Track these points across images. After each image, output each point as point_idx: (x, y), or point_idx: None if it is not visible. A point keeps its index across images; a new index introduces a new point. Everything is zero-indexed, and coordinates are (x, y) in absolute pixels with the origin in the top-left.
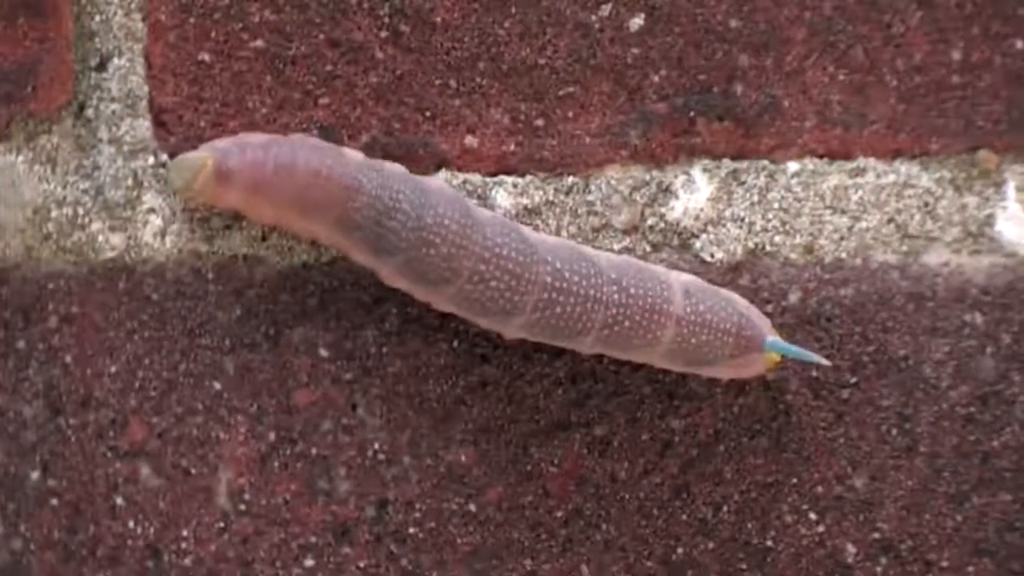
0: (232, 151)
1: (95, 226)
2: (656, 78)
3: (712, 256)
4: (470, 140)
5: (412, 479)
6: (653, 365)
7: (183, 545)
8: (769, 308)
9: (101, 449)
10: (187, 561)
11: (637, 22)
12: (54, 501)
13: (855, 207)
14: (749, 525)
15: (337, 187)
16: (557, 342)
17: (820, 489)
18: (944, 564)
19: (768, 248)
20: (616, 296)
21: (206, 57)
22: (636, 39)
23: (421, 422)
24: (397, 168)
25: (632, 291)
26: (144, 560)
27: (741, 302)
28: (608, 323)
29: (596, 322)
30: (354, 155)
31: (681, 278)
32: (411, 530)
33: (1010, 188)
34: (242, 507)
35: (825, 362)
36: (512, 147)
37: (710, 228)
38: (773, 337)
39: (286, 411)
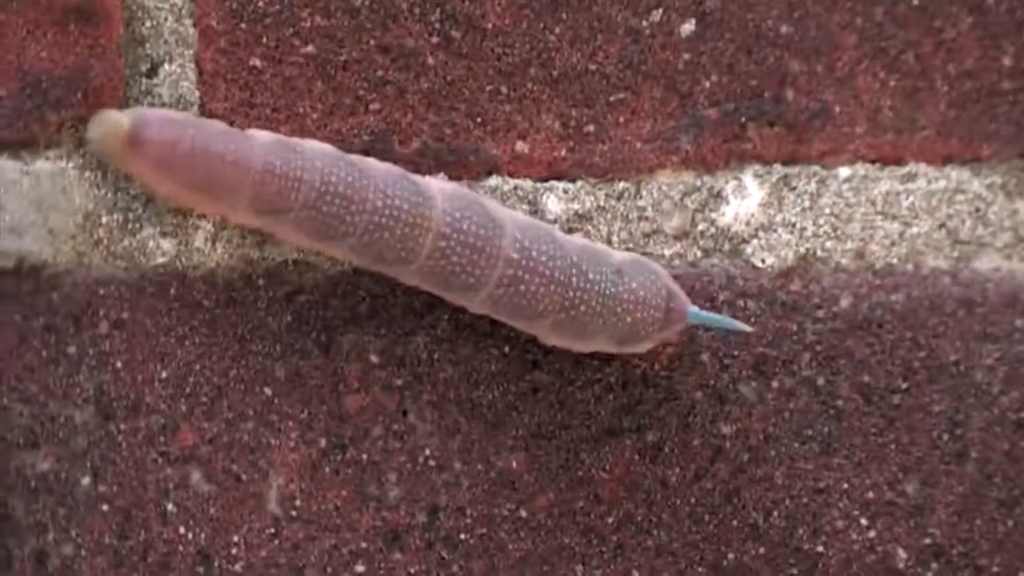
0: (152, 123)
1: (146, 232)
2: (707, 84)
3: (763, 262)
4: (521, 146)
5: (463, 485)
6: (594, 349)
7: (233, 551)
8: (820, 313)
9: (152, 455)
10: (238, 567)
11: (688, 28)
12: (105, 507)
13: (906, 213)
14: (800, 530)
15: (242, 172)
16: (512, 319)
17: (871, 494)
18: (995, 569)
19: (819, 254)
20: (574, 280)
21: (257, 63)
22: (687, 45)
23: (472, 428)
24: (322, 148)
25: (591, 276)
26: (195, 566)
27: (663, 273)
28: (565, 305)
29: (554, 302)
30: (265, 137)
31: (615, 257)
32: (462, 536)
33: None
34: (293, 513)
35: (748, 328)
36: (563, 153)
37: (761, 234)
38: (694, 308)
39: (337, 417)
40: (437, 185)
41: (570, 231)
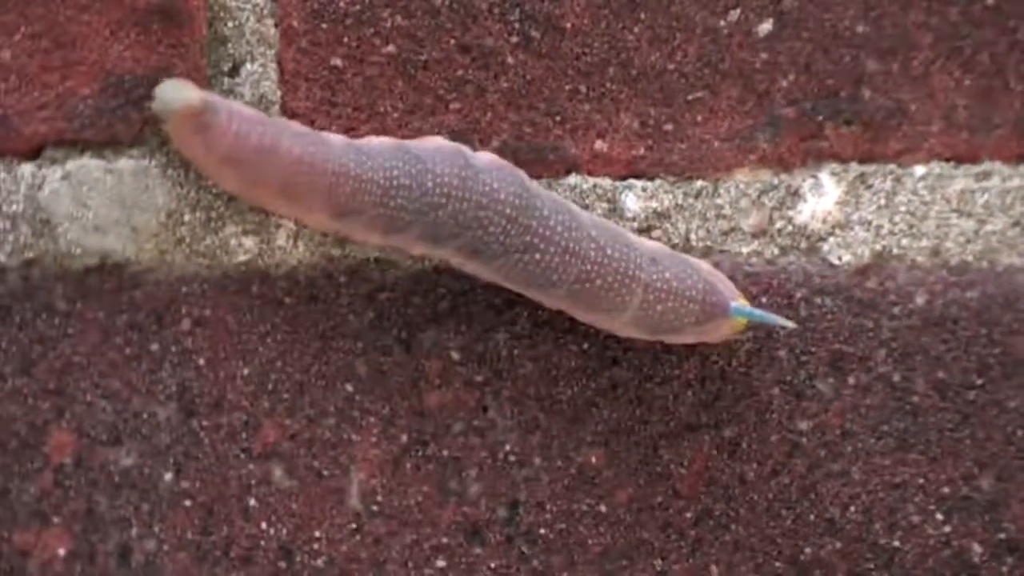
0: (220, 112)
1: (228, 230)
2: (784, 83)
3: (840, 259)
4: (600, 144)
5: (543, 480)
6: (618, 334)
7: (315, 546)
8: (896, 310)
9: (234, 451)
10: (319, 562)
11: (766, 27)
12: (188, 502)
13: (981, 210)
14: (876, 525)
15: (321, 175)
16: (529, 290)
17: (947, 490)
18: None
19: (895, 251)
20: (593, 254)
21: (338, 62)
22: (764, 44)
23: (552, 424)
24: (384, 143)
25: (608, 251)
26: (277, 561)
27: (705, 268)
28: (581, 278)
29: (570, 275)
30: (337, 139)
31: (647, 245)
32: (542, 531)
33: None
34: (374, 508)
35: (791, 324)
36: (641, 151)
37: (838, 231)
38: (737, 302)
39: (418, 413)
40: (486, 158)
41: (649, 229)
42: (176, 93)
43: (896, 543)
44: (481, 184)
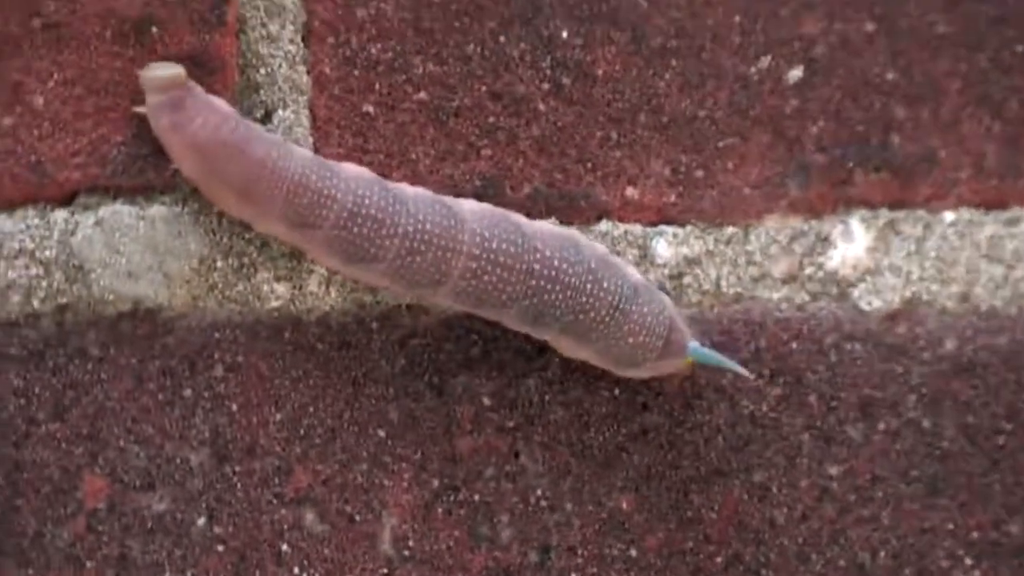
0: (198, 96)
1: (260, 276)
2: (814, 130)
3: (870, 305)
4: (631, 191)
5: (574, 525)
6: (588, 361)
7: None
8: (926, 356)
9: (267, 496)
10: None
11: (796, 74)
12: (220, 547)
13: (1010, 256)
14: (906, 570)
15: (279, 181)
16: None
17: (976, 535)
18: None
19: (925, 297)
20: (588, 286)
21: (370, 109)
22: (795, 91)
23: (583, 469)
24: (358, 171)
25: (605, 285)
26: None
27: (668, 303)
28: (576, 310)
29: (569, 311)
30: (305, 153)
31: (635, 276)
32: (573, 575)
33: None
34: (406, 553)
35: (745, 372)
36: (672, 198)
37: (868, 277)
38: (695, 342)
39: (449, 458)
40: (468, 206)
41: (679, 275)
42: (164, 68)
43: None
44: (471, 235)
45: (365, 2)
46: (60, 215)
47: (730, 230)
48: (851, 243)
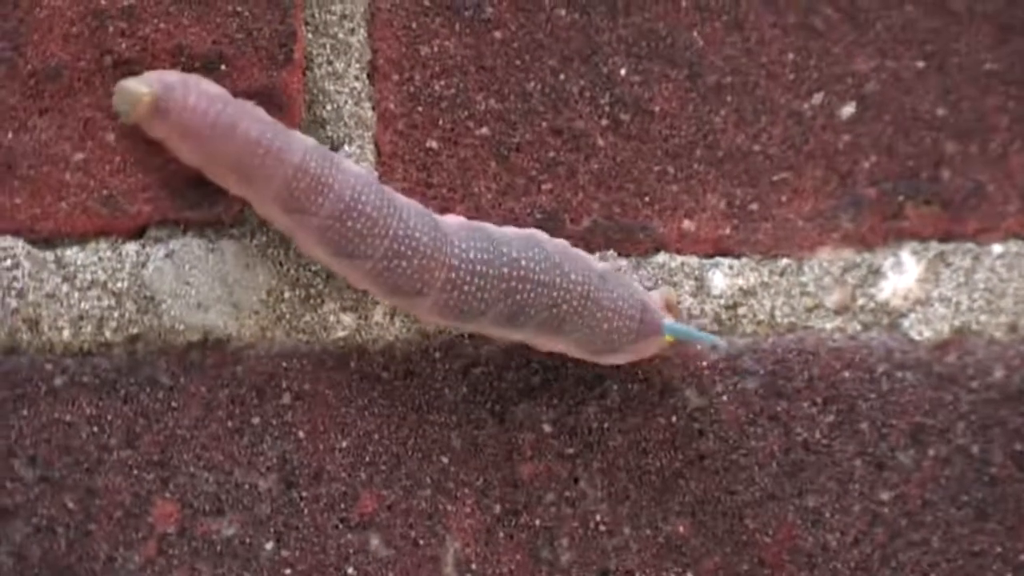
0: (176, 89)
1: (327, 307)
2: (866, 164)
3: (920, 335)
4: (687, 224)
5: (632, 549)
6: (563, 352)
7: None
8: (975, 384)
9: (333, 521)
10: None
11: (848, 110)
12: (287, 571)
13: None
14: None
15: (277, 164)
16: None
17: None
18: None
19: (974, 327)
20: (557, 280)
21: (433, 144)
22: (847, 127)
23: (641, 494)
24: (358, 169)
25: (572, 277)
26: None
27: (638, 287)
28: (549, 306)
29: (542, 308)
30: (305, 138)
31: (599, 265)
32: None
33: None
34: None
35: (721, 343)
36: (728, 230)
37: (918, 308)
38: (669, 320)
39: (511, 484)
40: (447, 219)
41: (735, 306)
42: (129, 98)
43: None
44: (451, 247)
45: (429, 40)
46: (131, 247)
47: (784, 262)
48: (902, 274)
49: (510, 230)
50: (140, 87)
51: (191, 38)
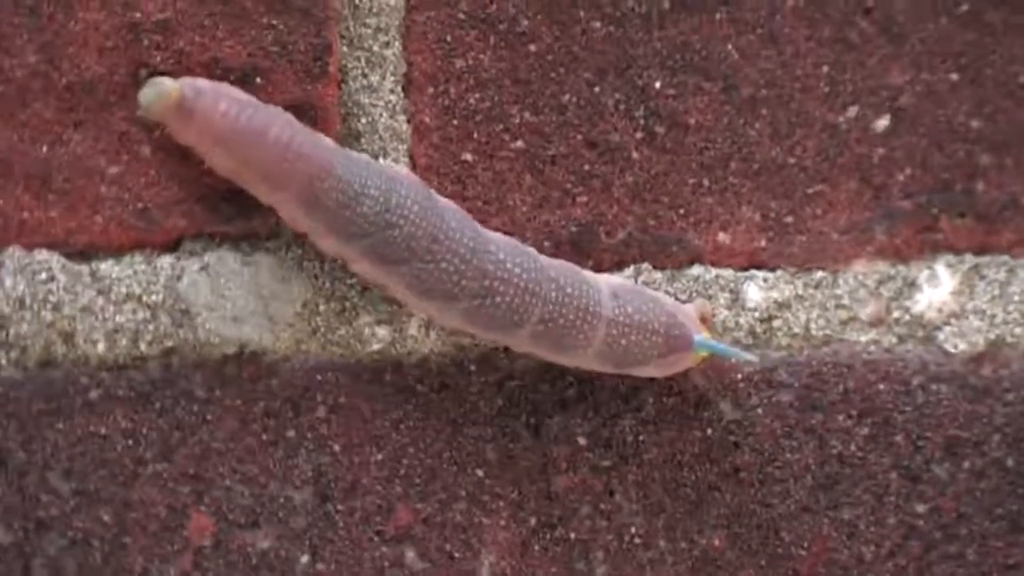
0: (205, 93)
1: (362, 320)
2: (901, 177)
3: (955, 347)
4: (723, 236)
5: (667, 562)
6: (585, 368)
7: None
8: (1010, 397)
9: (368, 534)
10: None
11: (883, 123)
12: None
13: None
14: None
15: (305, 164)
16: (492, 334)
17: None
18: None
19: (1008, 339)
20: (553, 294)
21: (469, 157)
22: (882, 139)
23: (676, 507)
24: (364, 157)
25: (568, 290)
26: None
27: (668, 302)
28: (544, 318)
29: (533, 316)
30: (328, 140)
31: (610, 281)
32: None
33: None
34: None
35: (754, 359)
36: (763, 243)
37: (953, 320)
38: (701, 335)
39: (546, 497)
40: (445, 202)
41: (770, 319)
42: (156, 93)
43: None
44: (438, 218)
45: (463, 53)
46: (166, 260)
47: (819, 274)
48: (937, 287)
49: (497, 236)
50: (170, 82)
51: (226, 51)
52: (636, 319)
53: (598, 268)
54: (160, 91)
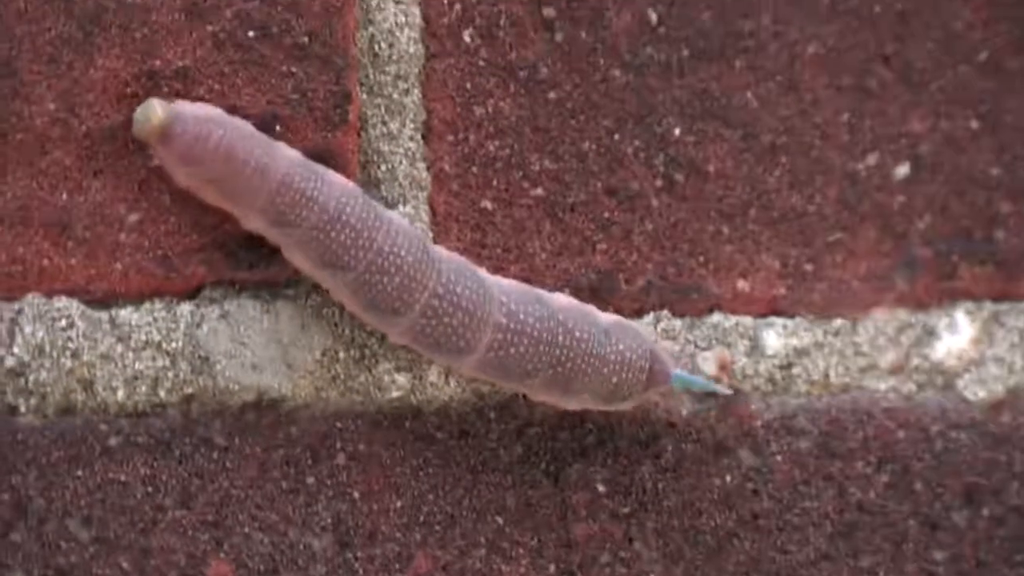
0: (186, 118)
1: (381, 367)
2: (920, 224)
3: (974, 395)
4: (742, 284)
5: None
6: (581, 407)
7: None
8: None
9: None
10: None
11: (903, 171)
12: None
13: None
14: None
15: (260, 179)
16: (501, 379)
17: None
18: None
19: None
20: (561, 338)
21: (488, 205)
22: (901, 187)
23: (695, 554)
24: (344, 182)
25: (577, 335)
26: None
27: (647, 336)
28: (553, 363)
29: (544, 363)
30: (290, 152)
31: (606, 319)
32: None
33: None
34: None
35: (728, 391)
36: (782, 291)
37: (972, 368)
38: (678, 371)
39: (565, 544)
40: (440, 249)
41: (789, 366)
42: (145, 116)
43: None
44: (437, 272)
45: (483, 100)
46: (186, 308)
47: (838, 322)
48: (956, 335)
49: (510, 282)
50: (160, 109)
51: (245, 99)
52: (627, 356)
53: (617, 315)
54: (150, 116)
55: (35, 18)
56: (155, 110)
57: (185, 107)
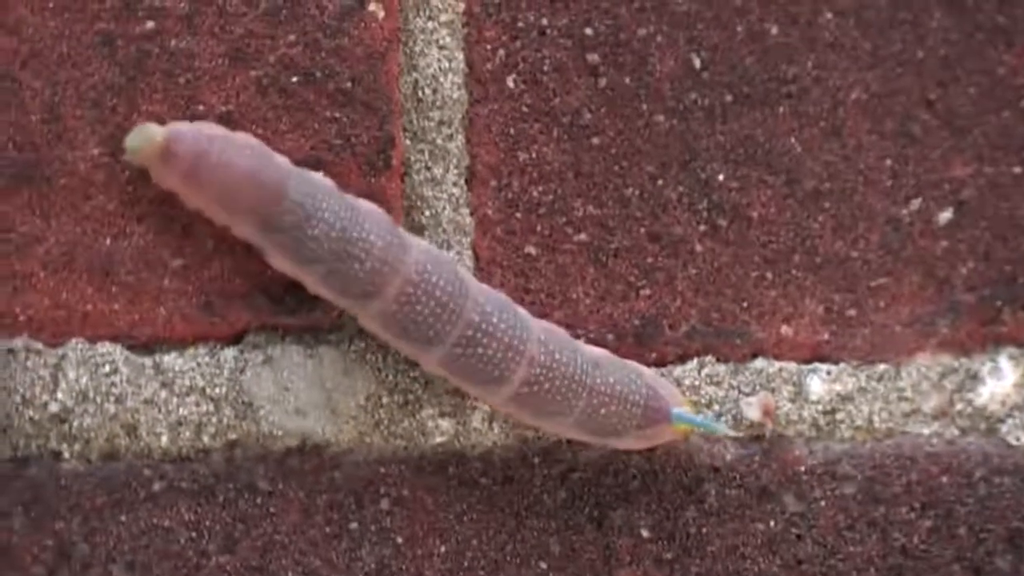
0: (185, 137)
1: (425, 412)
2: (964, 270)
3: (1018, 439)
4: (786, 329)
5: None
6: (563, 436)
7: None
8: None
9: None
10: None
11: (946, 216)
12: None
13: None
14: None
15: (264, 190)
16: (472, 386)
17: None
18: None
19: None
20: (542, 357)
21: (532, 250)
22: (945, 232)
23: None
24: (326, 181)
25: (556, 355)
26: None
27: (648, 373)
28: (528, 380)
29: (517, 375)
30: (283, 160)
31: (591, 350)
32: None
33: None
34: None
35: (730, 431)
36: (826, 336)
37: (1015, 413)
38: (679, 408)
39: None
40: (416, 240)
41: (833, 411)
42: (142, 139)
43: None
44: (409, 258)
45: (527, 146)
46: (230, 353)
47: (882, 367)
48: (1000, 380)
49: (484, 287)
50: (156, 129)
51: (289, 144)
52: (617, 389)
53: (661, 361)
54: (147, 138)
55: (79, 63)
56: (153, 132)
57: (182, 125)
